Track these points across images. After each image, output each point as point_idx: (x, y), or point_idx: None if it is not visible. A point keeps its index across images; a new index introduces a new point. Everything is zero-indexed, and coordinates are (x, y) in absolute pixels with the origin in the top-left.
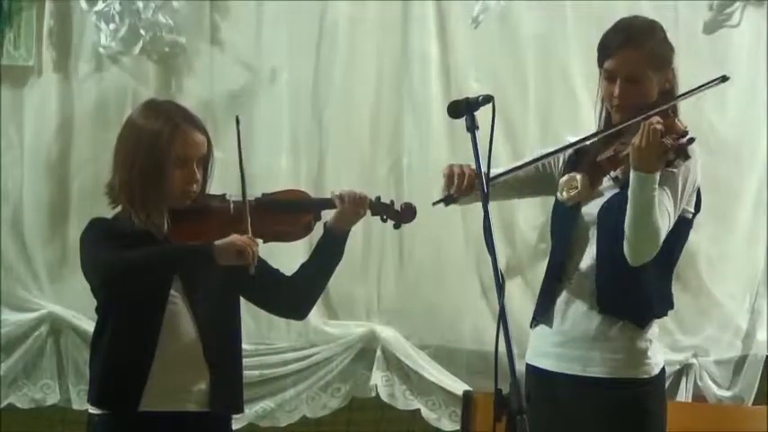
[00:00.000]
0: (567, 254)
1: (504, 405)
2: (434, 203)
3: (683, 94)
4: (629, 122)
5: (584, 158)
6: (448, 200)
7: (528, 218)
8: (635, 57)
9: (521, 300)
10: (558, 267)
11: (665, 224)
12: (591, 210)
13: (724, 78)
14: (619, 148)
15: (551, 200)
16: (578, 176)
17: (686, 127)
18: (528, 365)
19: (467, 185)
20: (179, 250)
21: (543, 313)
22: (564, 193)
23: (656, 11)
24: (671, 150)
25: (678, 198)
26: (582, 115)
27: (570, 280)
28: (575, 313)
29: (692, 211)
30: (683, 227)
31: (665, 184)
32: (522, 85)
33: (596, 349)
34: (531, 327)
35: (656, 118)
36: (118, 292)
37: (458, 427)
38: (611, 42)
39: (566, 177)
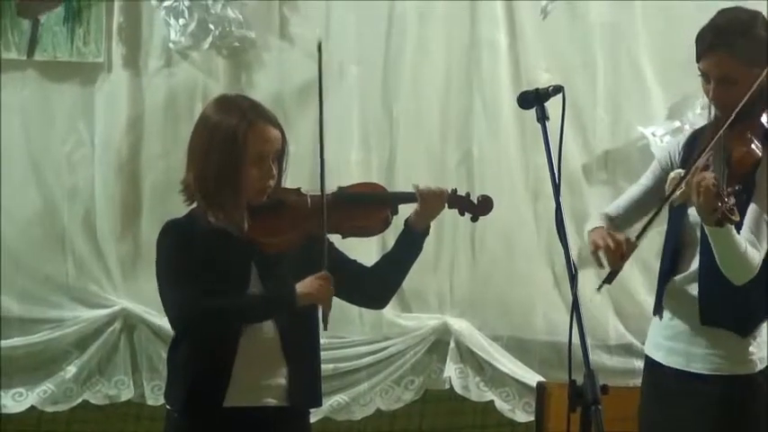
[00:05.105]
0: (677, 250)
1: (578, 396)
2: (599, 289)
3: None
4: (716, 136)
5: (691, 158)
6: (611, 277)
7: (600, 208)
8: (725, 59)
9: (593, 290)
10: (669, 262)
11: (763, 249)
12: (695, 211)
13: None
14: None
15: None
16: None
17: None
18: (645, 355)
19: (624, 256)
20: (260, 304)
21: (657, 304)
22: (670, 191)
23: None
24: (719, 212)
25: None
26: (652, 105)
27: (679, 276)
28: (681, 309)
29: None
30: None
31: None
32: (592, 75)
33: (699, 346)
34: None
35: (711, 175)
36: (189, 335)
37: (532, 419)
38: (702, 42)
39: (673, 174)
